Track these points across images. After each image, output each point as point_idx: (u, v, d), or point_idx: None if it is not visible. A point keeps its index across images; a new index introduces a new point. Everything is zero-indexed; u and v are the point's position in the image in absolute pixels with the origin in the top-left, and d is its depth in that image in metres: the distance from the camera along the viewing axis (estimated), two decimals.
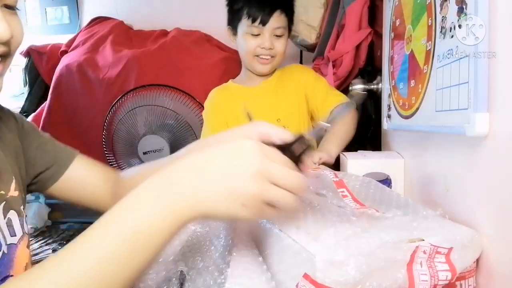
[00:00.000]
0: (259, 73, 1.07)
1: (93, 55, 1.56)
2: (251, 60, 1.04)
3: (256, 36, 1.01)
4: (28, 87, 1.72)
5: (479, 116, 0.44)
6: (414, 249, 0.39)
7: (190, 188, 0.37)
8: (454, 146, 0.55)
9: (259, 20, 0.99)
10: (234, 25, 1.06)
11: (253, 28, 1.00)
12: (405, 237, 0.40)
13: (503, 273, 0.43)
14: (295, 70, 1.13)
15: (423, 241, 0.40)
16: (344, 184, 0.51)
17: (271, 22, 1.00)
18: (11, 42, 0.53)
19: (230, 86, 1.13)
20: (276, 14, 1.00)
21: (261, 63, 1.04)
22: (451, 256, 0.40)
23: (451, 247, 0.40)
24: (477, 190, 0.48)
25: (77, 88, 1.48)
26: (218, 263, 0.47)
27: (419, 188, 0.72)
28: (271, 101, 1.07)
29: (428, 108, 0.61)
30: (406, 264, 0.39)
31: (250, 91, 1.09)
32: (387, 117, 0.87)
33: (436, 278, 0.39)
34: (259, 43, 1.01)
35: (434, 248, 0.40)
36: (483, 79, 0.44)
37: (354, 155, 0.85)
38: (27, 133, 0.63)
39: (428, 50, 0.60)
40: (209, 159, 0.38)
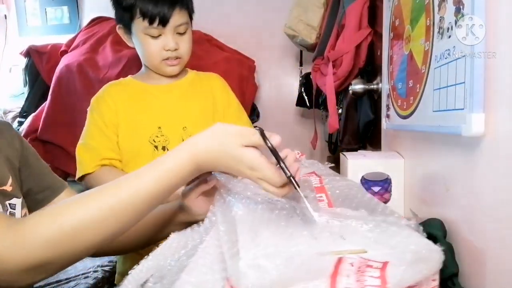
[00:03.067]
0: (169, 75, 0.96)
1: (93, 55, 1.56)
2: (157, 64, 0.93)
3: (156, 38, 0.89)
4: (28, 87, 1.72)
5: (475, 116, 0.44)
6: (337, 261, 0.38)
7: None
8: (453, 146, 0.55)
9: (158, 21, 0.86)
10: (125, 24, 0.92)
11: (152, 30, 0.87)
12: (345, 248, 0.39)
13: (504, 271, 0.43)
14: (214, 81, 1.05)
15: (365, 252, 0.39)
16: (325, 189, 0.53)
17: (172, 21, 0.87)
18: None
19: (129, 82, 0.99)
20: (176, 11, 0.87)
21: (169, 65, 0.93)
22: (386, 271, 0.36)
23: (386, 261, 0.37)
24: (475, 189, 0.48)
25: (77, 88, 1.48)
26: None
27: (419, 188, 0.72)
28: (179, 106, 0.97)
29: (426, 108, 0.61)
30: (330, 276, 0.37)
31: (152, 90, 0.97)
32: (386, 117, 0.87)
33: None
34: (162, 45, 0.89)
35: (364, 261, 0.38)
36: (479, 80, 0.44)
37: (354, 155, 0.85)
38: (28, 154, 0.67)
39: (426, 50, 0.60)
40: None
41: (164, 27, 0.88)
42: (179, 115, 0.96)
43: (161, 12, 0.86)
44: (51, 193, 0.68)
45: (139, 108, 0.95)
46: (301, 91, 1.68)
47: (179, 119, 0.95)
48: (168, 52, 0.91)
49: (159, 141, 0.93)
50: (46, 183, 0.68)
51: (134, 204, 0.48)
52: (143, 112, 0.95)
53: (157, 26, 0.87)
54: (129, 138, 0.93)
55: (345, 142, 1.26)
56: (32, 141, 1.50)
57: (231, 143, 0.49)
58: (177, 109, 0.97)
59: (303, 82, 1.68)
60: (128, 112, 0.94)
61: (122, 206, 0.48)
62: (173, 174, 0.49)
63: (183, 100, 0.98)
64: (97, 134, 0.93)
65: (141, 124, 0.94)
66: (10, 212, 0.57)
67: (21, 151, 0.65)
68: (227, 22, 1.86)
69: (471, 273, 0.50)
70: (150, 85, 0.98)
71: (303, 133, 1.87)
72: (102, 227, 0.47)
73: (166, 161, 0.50)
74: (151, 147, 0.93)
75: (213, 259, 0.47)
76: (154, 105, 0.96)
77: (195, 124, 0.96)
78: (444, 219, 0.58)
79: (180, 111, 0.97)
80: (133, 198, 0.48)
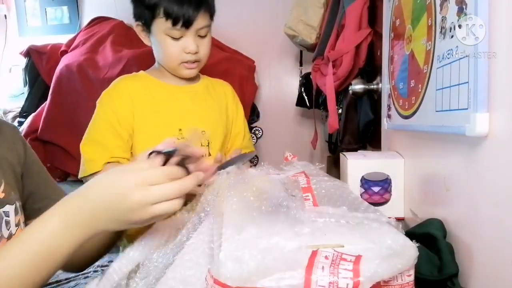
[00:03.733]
0: (185, 77, 0.94)
1: (93, 55, 1.56)
2: (176, 66, 0.91)
3: (177, 39, 0.87)
4: (28, 87, 1.72)
5: (479, 116, 0.44)
6: (311, 254, 0.39)
7: (89, 215, 0.46)
8: (454, 146, 0.55)
9: (182, 23, 0.85)
10: (145, 22, 0.90)
11: (174, 31, 0.86)
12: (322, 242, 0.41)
13: (504, 272, 0.43)
14: (226, 89, 1.05)
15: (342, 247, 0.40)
16: (312, 189, 0.56)
17: (195, 23, 0.86)
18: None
19: (145, 77, 0.96)
20: (201, 13, 0.86)
21: (187, 68, 0.91)
22: (360, 265, 0.38)
23: (360, 255, 0.39)
24: (477, 190, 0.48)
25: (77, 88, 1.48)
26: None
27: (419, 188, 0.72)
28: (198, 109, 0.96)
29: (428, 108, 0.61)
30: (305, 268, 0.38)
31: (171, 89, 0.95)
32: (387, 117, 0.87)
33: (335, 285, 0.38)
34: (183, 47, 0.88)
35: (338, 254, 0.39)
36: (483, 79, 0.44)
37: (354, 155, 0.85)
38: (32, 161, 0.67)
39: (428, 50, 0.60)
40: (98, 192, 0.47)
41: (187, 29, 0.86)
42: (199, 118, 0.95)
43: (186, 14, 0.84)
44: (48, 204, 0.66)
45: (160, 107, 0.92)
46: (301, 91, 1.68)
47: (199, 122, 0.95)
48: (188, 55, 0.89)
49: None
50: (46, 193, 0.68)
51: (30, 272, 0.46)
52: (164, 112, 0.92)
53: (180, 27, 0.85)
54: (148, 138, 0.89)
55: (345, 142, 1.26)
56: (32, 141, 1.50)
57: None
58: (196, 112, 0.96)
59: (303, 82, 1.68)
60: (146, 110, 0.91)
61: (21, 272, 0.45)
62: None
63: (201, 103, 0.97)
64: (107, 130, 0.89)
65: (161, 124, 0.91)
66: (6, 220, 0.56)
67: (24, 157, 0.64)
68: (227, 22, 1.85)
69: (471, 273, 0.50)
70: (168, 84, 0.95)
71: (303, 133, 1.87)
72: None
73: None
74: None
75: (199, 254, 0.49)
76: (175, 106, 0.94)
77: (212, 128, 0.96)
78: (444, 219, 0.58)
79: (199, 114, 0.96)
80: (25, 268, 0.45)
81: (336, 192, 0.59)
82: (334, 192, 0.59)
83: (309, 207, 0.51)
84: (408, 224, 0.76)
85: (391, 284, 0.41)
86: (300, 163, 0.71)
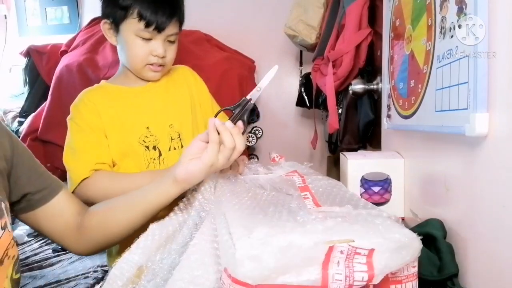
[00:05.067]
0: (149, 79, 0.95)
1: (93, 55, 1.56)
2: (140, 67, 0.92)
3: (147, 41, 0.88)
4: (28, 87, 1.72)
5: (478, 116, 0.44)
6: (328, 249, 0.40)
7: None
8: (454, 146, 0.55)
9: (155, 26, 0.86)
10: (114, 21, 0.90)
11: (145, 33, 0.87)
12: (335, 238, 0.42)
13: (504, 272, 0.43)
14: (186, 73, 1.05)
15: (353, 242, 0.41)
16: (309, 188, 0.58)
17: (167, 29, 0.88)
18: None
19: (106, 87, 0.97)
20: (173, 22, 0.89)
21: (152, 71, 0.92)
22: (373, 258, 0.39)
23: (373, 249, 0.40)
24: (477, 190, 0.48)
25: (77, 88, 1.46)
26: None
27: (419, 188, 0.72)
28: (163, 104, 0.97)
29: (428, 108, 0.61)
30: (322, 263, 0.40)
31: (134, 92, 0.96)
32: (387, 117, 0.87)
33: (352, 279, 0.39)
34: (151, 49, 0.89)
35: (353, 248, 0.40)
36: (482, 79, 0.44)
37: (354, 155, 0.85)
38: (21, 153, 0.65)
39: (428, 50, 0.60)
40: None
41: (158, 33, 0.88)
42: (164, 113, 0.96)
43: (159, 21, 0.86)
44: (48, 193, 0.68)
45: (124, 110, 0.94)
46: (301, 91, 1.68)
47: (165, 117, 0.95)
48: (154, 58, 0.90)
49: (149, 141, 0.93)
50: (43, 183, 0.67)
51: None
52: (129, 114, 0.94)
53: (152, 30, 0.87)
54: (118, 141, 0.91)
55: (345, 142, 1.26)
56: (32, 141, 1.50)
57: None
58: (161, 107, 0.96)
59: (303, 82, 1.68)
60: (112, 115, 0.92)
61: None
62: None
63: (165, 97, 0.98)
64: (84, 140, 0.90)
65: (128, 126, 0.92)
66: None
67: (11, 151, 0.63)
68: (227, 22, 1.86)
69: (471, 273, 0.50)
70: (129, 87, 0.96)
71: (303, 133, 1.87)
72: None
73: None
74: (142, 148, 0.92)
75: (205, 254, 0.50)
76: (139, 106, 0.95)
77: (179, 120, 0.96)
78: (444, 220, 0.58)
79: (164, 109, 0.96)
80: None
81: (333, 190, 0.61)
82: (331, 190, 0.61)
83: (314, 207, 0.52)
84: (408, 224, 0.76)
85: (398, 275, 0.43)
86: (288, 163, 0.72)
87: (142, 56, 0.90)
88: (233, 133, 0.63)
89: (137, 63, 0.91)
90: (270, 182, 0.67)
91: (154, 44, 0.89)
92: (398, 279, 0.43)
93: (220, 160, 0.62)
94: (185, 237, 0.59)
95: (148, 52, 0.89)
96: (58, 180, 0.72)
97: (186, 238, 0.58)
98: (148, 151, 0.93)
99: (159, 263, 0.54)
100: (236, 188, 0.64)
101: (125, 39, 0.90)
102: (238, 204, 0.56)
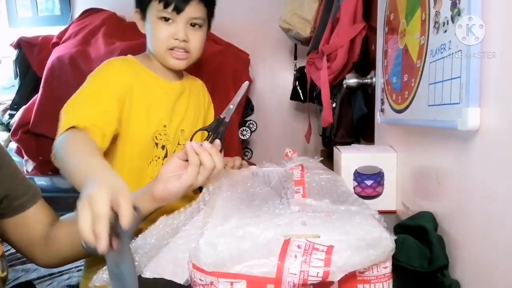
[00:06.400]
0: (172, 67, 0.92)
1: (85, 47, 1.54)
2: (163, 53, 0.89)
3: (168, 23, 0.87)
4: (19, 79, 1.70)
5: (471, 110, 0.45)
6: (284, 243, 0.41)
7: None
8: (446, 140, 0.56)
9: (173, 6, 0.85)
10: (142, 8, 0.90)
11: (165, 13, 0.86)
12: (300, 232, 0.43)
13: (492, 264, 0.44)
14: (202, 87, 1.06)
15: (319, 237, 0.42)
16: (304, 182, 0.59)
17: (187, 10, 0.86)
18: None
19: (134, 63, 0.92)
20: (194, 2, 0.86)
21: (174, 57, 0.89)
22: (332, 255, 0.40)
23: (332, 245, 0.40)
24: (468, 183, 0.49)
25: (69, 80, 1.46)
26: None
27: (411, 181, 0.73)
28: (183, 108, 0.96)
29: (421, 103, 0.61)
30: (278, 256, 0.40)
31: (162, 84, 0.93)
32: (380, 111, 0.88)
33: (306, 273, 0.39)
34: (172, 32, 0.87)
35: (311, 244, 0.41)
36: (475, 74, 0.45)
37: (348, 149, 0.85)
38: (3, 156, 0.65)
39: (422, 44, 0.61)
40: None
41: (177, 14, 0.86)
42: (181, 117, 0.95)
43: (177, 1, 0.85)
44: (27, 200, 0.66)
45: (151, 99, 0.90)
46: (295, 85, 1.68)
47: (181, 121, 0.95)
48: (176, 42, 0.87)
49: (160, 139, 0.91)
50: (24, 188, 0.66)
51: None
52: (154, 105, 0.91)
53: (171, 11, 0.85)
54: (136, 130, 0.88)
55: (338, 136, 1.27)
56: (23, 134, 1.48)
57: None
58: (181, 110, 0.96)
59: (297, 76, 1.68)
60: (141, 97, 0.87)
61: None
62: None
63: (184, 101, 0.97)
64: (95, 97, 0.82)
65: (150, 117, 0.90)
66: None
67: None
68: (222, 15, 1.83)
69: (461, 265, 0.51)
70: (158, 76, 0.93)
71: (297, 127, 1.87)
72: None
73: None
74: (152, 144, 0.90)
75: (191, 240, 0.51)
76: (163, 101, 0.93)
77: (191, 128, 0.96)
78: (435, 212, 0.59)
79: (181, 113, 0.95)
80: None
81: (326, 185, 0.61)
82: (324, 185, 0.61)
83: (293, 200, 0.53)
84: (400, 216, 0.77)
85: (367, 275, 0.43)
86: (300, 158, 0.73)
87: (164, 39, 0.87)
88: (212, 153, 0.64)
89: (159, 46, 0.89)
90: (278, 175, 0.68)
91: (175, 27, 0.87)
92: (367, 278, 0.42)
93: (200, 180, 0.64)
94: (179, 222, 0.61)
95: (169, 35, 0.87)
96: (37, 188, 0.71)
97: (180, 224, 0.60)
98: (156, 149, 0.91)
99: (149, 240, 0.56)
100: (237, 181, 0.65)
101: (150, 25, 0.89)
102: (230, 195, 0.57)
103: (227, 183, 0.64)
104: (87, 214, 0.45)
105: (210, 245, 0.41)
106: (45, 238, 0.67)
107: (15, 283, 1.17)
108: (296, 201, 0.53)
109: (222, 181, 0.66)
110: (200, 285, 0.42)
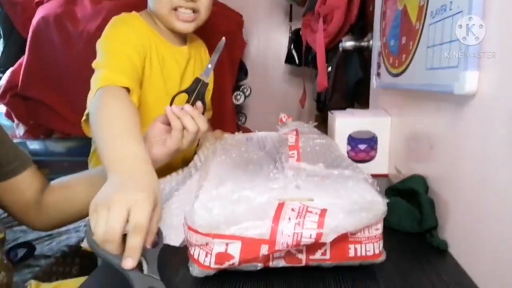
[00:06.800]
0: (179, 31, 0.83)
1: (71, 6, 1.47)
2: (167, 14, 0.79)
3: None
4: (3, 41, 1.63)
5: (469, 74, 0.44)
6: (278, 206, 0.42)
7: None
8: (442, 104, 0.56)
9: None
10: None
11: None
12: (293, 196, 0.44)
13: (480, 224, 0.45)
14: (205, 51, 0.99)
15: (312, 200, 0.43)
16: (298, 147, 0.60)
17: None
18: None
19: (145, 26, 0.83)
20: None
21: (181, 20, 0.80)
22: (325, 217, 0.41)
23: (325, 209, 0.42)
24: (461, 147, 0.50)
25: (55, 42, 1.40)
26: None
27: (404, 146, 0.74)
28: (188, 75, 0.91)
29: (418, 66, 0.60)
30: (273, 219, 0.41)
31: (171, 49, 0.86)
32: (376, 76, 0.87)
33: (299, 235, 0.41)
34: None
35: (304, 207, 0.42)
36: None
37: (342, 113, 0.85)
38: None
39: (421, 5, 0.59)
40: None
41: None
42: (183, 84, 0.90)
43: None
44: (18, 166, 0.66)
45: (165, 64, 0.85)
46: (290, 48, 1.64)
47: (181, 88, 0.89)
48: (180, 1, 0.78)
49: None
50: (14, 155, 0.66)
51: None
52: (168, 70, 0.86)
53: None
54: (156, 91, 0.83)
55: (333, 100, 1.26)
56: (12, 97, 1.44)
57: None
58: (187, 79, 0.90)
59: (292, 38, 1.63)
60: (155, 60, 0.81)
61: None
62: None
63: (191, 69, 0.92)
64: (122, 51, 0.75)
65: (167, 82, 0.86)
66: None
67: None
68: None
69: (449, 226, 0.53)
70: (166, 40, 0.85)
71: (291, 91, 1.85)
72: None
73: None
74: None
75: (184, 204, 0.53)
76: (176, 70, 0.88)
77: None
78: (426, 176, 0.60)
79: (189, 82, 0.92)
80: None
81: (320, 150, 0.62)
82: (318, 150, 0.62)
83: (287, 164, 0.54)
84: (392, 180, 0.79)
85: (358, 236, 0.44)
86: (294, 123, 0.73)
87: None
88: (194, 116, 0.62)
89: (161, 6, 0.79)
90: (273, 140, 0.69)
91: None
92: (358, 239, 0.44)
93: (185, 144, 0.63)
94: (172, 188, 0.63)
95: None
96: (27, 155, 0.70)
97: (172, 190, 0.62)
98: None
99: None
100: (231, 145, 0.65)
101: None
102: (224, 159, 0.58)
103: (221, 147, 0.65)
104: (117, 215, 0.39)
105: (205, 208, 0.42)
106: (37, 203, 0.68)
107: (15, 243, 1.19)
108: (291, 166, 0.53)
109: (216, 146, 0.66)
110: (195, 245, 0.43)
